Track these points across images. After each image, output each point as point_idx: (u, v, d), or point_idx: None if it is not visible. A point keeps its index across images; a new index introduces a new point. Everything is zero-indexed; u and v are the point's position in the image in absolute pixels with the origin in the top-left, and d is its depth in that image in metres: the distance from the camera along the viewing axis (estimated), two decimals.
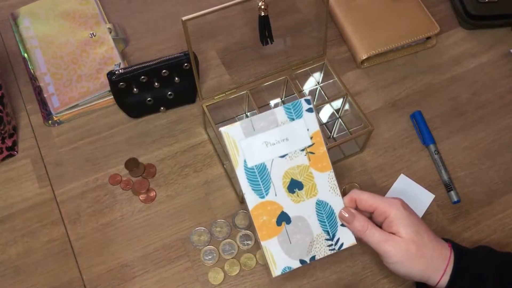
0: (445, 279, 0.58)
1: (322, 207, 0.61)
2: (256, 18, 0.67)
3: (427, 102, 0.82)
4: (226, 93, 0.73)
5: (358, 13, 0.87)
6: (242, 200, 0.72)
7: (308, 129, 0.60)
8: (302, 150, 0.60)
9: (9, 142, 0.74)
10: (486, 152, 0.78)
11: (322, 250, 0.61)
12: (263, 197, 0.59)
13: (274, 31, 0.69)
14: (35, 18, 0.85)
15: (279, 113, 0.60)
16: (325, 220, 0.61)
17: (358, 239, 0.61)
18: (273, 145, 0.60)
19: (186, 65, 0.73)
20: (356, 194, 0.61)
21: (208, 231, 0.71)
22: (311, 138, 0.61)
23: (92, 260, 0.69)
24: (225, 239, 0.70)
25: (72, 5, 0.86)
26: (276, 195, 0.60)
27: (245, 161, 0.59)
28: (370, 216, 0.62)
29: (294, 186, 0.60)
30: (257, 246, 0.70)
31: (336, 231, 0.61)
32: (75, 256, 0.69)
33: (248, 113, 0.79)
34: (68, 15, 0.85)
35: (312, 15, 0.90)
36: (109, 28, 0.84)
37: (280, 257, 0.60)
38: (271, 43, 0.70)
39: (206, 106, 0.72)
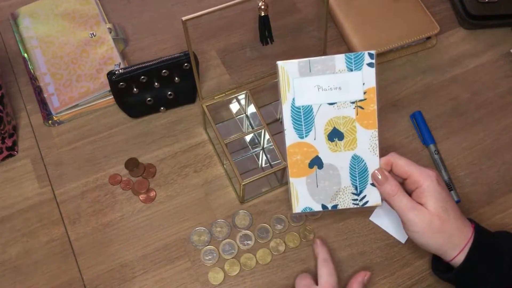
0: (461, 257, 0.59)
1: (357, 162, 0.62)
2: (256, 18, 0.67)
3: (427, 102, 0.82)
4: (226, 93, 0.73)
5: (358, 13, 0.87)
6: (242, 200, 0.72)
7: (364, 83, 0.61)
8: (353, 102, 0.61)
9: (9, 142, 0.74)
10: (486, 152, 0.78)
11: (346, 202, 0.62)
12: (302, 138, 0.61)
13: (274, 31, 0.69)
14: (35, 18, 0.85)
15: (339, 60, 0.60)
16: (356, 175, 0.62)
17: (384, 201, 0.62)
18: (325, 90, 0.60)
19: (186, 65, 0.73)
20: (394, 158, 0.62)
21: (208, 231, 0.71)
22: (365, 93, 0.61)
23: (92, 260, 0.69)
24: (225, 239, 0.70)
25: (72, 5, 0.86)
26: (315, 139, 0.61)
27: (293, 99, 0.60)
28: (403, 182, 0.62)
29: (334, 135, 0.61)
30: (257, 246, 0.70)
31: (364, 188, 0.62)
32: (75, 256, 0.69)
33: (248, 113, 0.79)
34: (68, 15, 0.85)
35: (312, 15, 0.90)
36: (109, 28, 0.84)
37: (304, 196, 0.61)
38: (271, 43, 0.70)
39: (206, 106, 0.72)
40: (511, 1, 0.87)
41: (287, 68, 0.61)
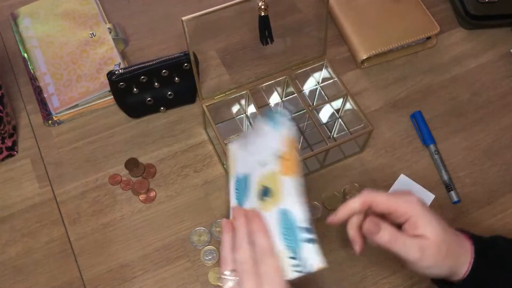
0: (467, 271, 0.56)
1: (286, 218, 0.55)
2: (256, 18, 0.67)
3: (427, 102, 0.82)
4: (226, 93, 0.73)
5: (358, 13, 0.87)
6: None
7: (284, 135, 0.58)
8: (276, 155, 0.58)
9: (9, 142, 0.74)
10: (486, 152, 0.78)
11: (286, 271, 0.54)
12: (241, 204, 0.59)
13: (274, 31, 0.69)
14: (35, 18, 0.85)
15: (263, 122, 0.60)
16: (291, 234, 0.54)
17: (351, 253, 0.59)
18: (258, 154, 0.59)
19: (186, 65, 0.73)
20: (370, 196, 0.56)
21: (208, 231, 0.71)
22: (285, 144, 0.58)
23: (92, 260, 0.69)
24: None
25: (72, 5, 0.86)
26: (251, 204, 0.58)
27: (235, 171, 0.62)
28: (384, 217, 0.57)
29: (264, 193, 0.57)
30: None
31: (299, 247, 0.54)
32: (75, 256, 0.69)
33: (248, 113, 0.79)
34: (68, 15, 0.85)
35: (312, 15, 0.90)
36: (109, 28, 0.84)
37: None
38: (271, 43, 0.70)
39: (206, 106, 0.72)
40: (511, 1, 0.87)
41: (231, 147, 0.63)
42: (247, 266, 0.53)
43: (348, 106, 0.76)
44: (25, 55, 0.83)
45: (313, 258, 0.54)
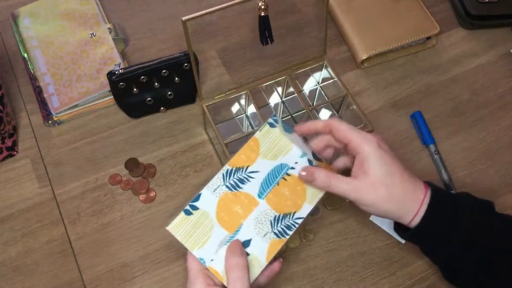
0: (417, 220, 0.57)
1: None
2: (256, 18, 0.67)
3: (427, 102, 0.82)
4: (226, 93, 0.73)
5: (358, 13, 0.87)
6: None
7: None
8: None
9: (9, 142, 0.74)
10: (486, 152, 0.78)
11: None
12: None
13: (274, 31, 0.69)
14: (35, 18, 0.85)
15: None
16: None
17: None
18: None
19: (186, 65, 0.73)
20: (334, 122, 0.59)
21: None
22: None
23: (92, 260, 0.69)
24: None
25: (72, 5, 0.86)
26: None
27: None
28: (344, 147, 0.60)
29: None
30: None
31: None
32: (75, 256, 0.69)
33: (248, 113, 0.79)
34: (68, 15, 0.85)
35: (312, 15, 0.90)
36: (109, 28, 0.84)
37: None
38: (271, 43, 0.70)
39: (206, 106, 0.72)
40: (511, 1, 0.87)
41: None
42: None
43: (348, 106, 0.76)
44: (25, 55, 0.83)
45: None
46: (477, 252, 0.56)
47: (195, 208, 0.57)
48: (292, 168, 0.60)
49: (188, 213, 0.57)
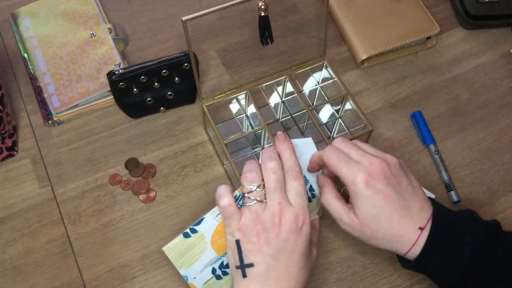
0: (416, 250, 0.55)
1: None
2: (256, 18, 0.67)
3: (427, 102, 0.82)
4: (226, 93, 0.73)
5: (358, 13, 0.87)
6: None
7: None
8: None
9: (9, 142, 0.74)
10: (486, 152, 0.78)
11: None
12: None
13: (274, 31, 0.69)
14: (35, 18, 0.85)
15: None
16: None
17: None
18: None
19: (186, 65, 0.73)
20: (325, 157, 0.57)
21: None
22: None
23: (92, 260, 0.69)
24: None
25: (72, 5, 0.86)
26: None
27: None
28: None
29: None
30: None
31: None
32: (75, 256, 0.69)
33: (248, 113, 0.79)
34: (68, 15, 0.85)
35: (312, 15, 0.90)
36: (109, 28, 0.84)
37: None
38: (271, 43, 0.70)
39: (206, 106, 0.72)
40: (511, 1, 0.87)
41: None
42: (276, 177, 0.55)
43: (348, 106, 0.76)
44: (25, 55, 0.83)
45: None
46: (482, 276, 0.55)
47: (194, 231, 0.57)
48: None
49: (186, 236, 0.57)
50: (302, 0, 0.91)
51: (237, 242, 0.54)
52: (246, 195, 0.55)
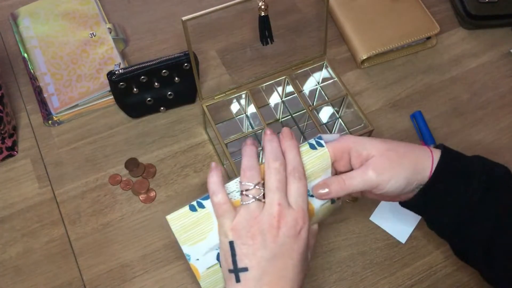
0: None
1: None
2: (256, 18, 0.67)
3: (427, 102, 0.82)
4: (226, 93, 0.73)
5: (358, 13, 0.87)
6: None
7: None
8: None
9: (9, 142, 0.74)
10: (486, 152, 0.77)
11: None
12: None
13: (274, 31, 0.69)
14: (35, 18, 0.85)
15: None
16: None
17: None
18: None
19: (186, 65, 0.73)
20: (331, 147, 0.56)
21: None
22: None
23: (92, 260, 0.69)
24: None
25: (72, 5, 0.86)
26: None
27: None
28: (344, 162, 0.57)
29: None
30: None
31: None
32: (75, 256, 0.69)
33: (248, 113, 0.79)
34: (68, 15, 0.85)
35: (312, 15, 0.90)
36: (109, 28, 0.84)
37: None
38: (271, 43, 0.70)
39: (206, 106, 0.72)
40: (511, 1, 0.87)
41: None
42: (279, 177, 0.51)
43: (348, 106, 0.76)
44: (25, 55, 0.83)
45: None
46: (490, 213, 0.54)
47: (201, 206, 0.54)
48: (312, 196, 0.55)
49: (193, 208, 0.54)
50: (302, 0, 0.91)
51: (231, 243, 0.51)
52: (244, 192, 0.52)
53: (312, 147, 0.55)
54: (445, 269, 0.69)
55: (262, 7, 0.65)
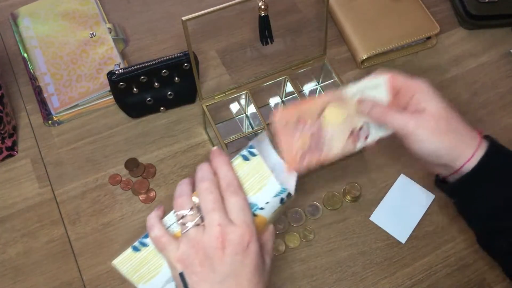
0: (473, 163, 0.54)
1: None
2: (256, 18, 0.67)
3: None
4: (226, 93, 0.73)
5: (358, 13, 0.87)
6: None
7: None
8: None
9: (9, 142, 0.74)
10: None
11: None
12: None
13: (274, 31, 0.69)
14: (35, 18, 0.85)
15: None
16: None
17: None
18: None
19: (186, 65, 0.73)
20: (390, 74, 0.58)
21: None
22: None
23: (92, 260, 0.69)
24: None
25: (72, 5, 0.86)
26: None
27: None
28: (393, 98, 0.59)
29: None
30: None
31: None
32: (75, 256, 0.69)
33: (248, 113, 0.79)
34: (68, 15, 0.85)
35: (312, 15, 0.90)
36: (109, 28, 0.84)
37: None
38: (271, 43, 0.70)
39: (206, 106, 0.72)
40: (511, 1, 0.87)
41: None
42: (212, 197, 0.49)
43: None
44: (25, 55, 0.83)
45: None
46: None
47: (144, 244, 0.52)
48: (261, 208, 0.52)
49: (135, 249, 0.52)
50: (302, 0, 0.91)
51: (181, 275, 0.49)
52: (180, 221, 0.50)
53: (245, 158, 0.53)
54: (445, 269, 0.69)
55: (262, 7, 0.65)
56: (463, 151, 0.55)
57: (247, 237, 0.49)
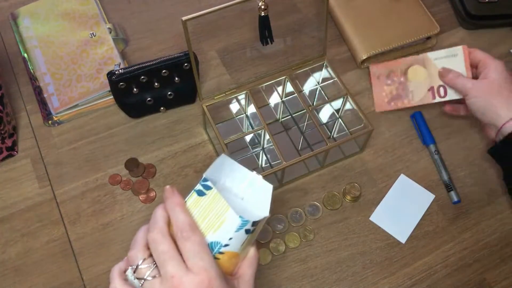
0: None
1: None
2: (256, 18, 0.67)
3: None
4: (226, 93, 0.73)
5: (358, 13, 0.87)
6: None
7: None
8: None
9: (9, 142, 0.74)
10: (486, 152, 0.78)
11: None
12: None
13: (274, 31, 0.69)
14: (35, 18, 0.85)
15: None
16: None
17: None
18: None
19: (186, 65, 0.73)
20: (471, 51, 0.72)
21: None
22: None
23: (92, 260, 0.69)
24: None
25: (72, 5, 0.86)
26: None
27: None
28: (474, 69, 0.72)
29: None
30: (257, 246, 0.70)
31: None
32: (75, 256, 0.69)
33: (248, 113, 0.79)
34: (68, 15, 0.85)
35: (312, 15, 0.90)
36: (109, 28, 0.84)
37: None
38: (271, 43, 0.70)
39: (206, 106, 0.72)
40: (511, 1, 0.87)
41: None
42: (162, 248, 0.47)
43: (348, 106, 0.76)
44: (25, 55, 0.83)
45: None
46: None
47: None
48: (226, 245, 0.48)
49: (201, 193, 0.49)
50: (302, 0, 0.91)
51: None
52: (135, 277, 0.48)
53: (200, 193, 0.50)
54: (445, 269, 0.69)
55: (262, 7, 0.65)
56: (505, 113, 0.65)
57: (206, 282, 0.46)
